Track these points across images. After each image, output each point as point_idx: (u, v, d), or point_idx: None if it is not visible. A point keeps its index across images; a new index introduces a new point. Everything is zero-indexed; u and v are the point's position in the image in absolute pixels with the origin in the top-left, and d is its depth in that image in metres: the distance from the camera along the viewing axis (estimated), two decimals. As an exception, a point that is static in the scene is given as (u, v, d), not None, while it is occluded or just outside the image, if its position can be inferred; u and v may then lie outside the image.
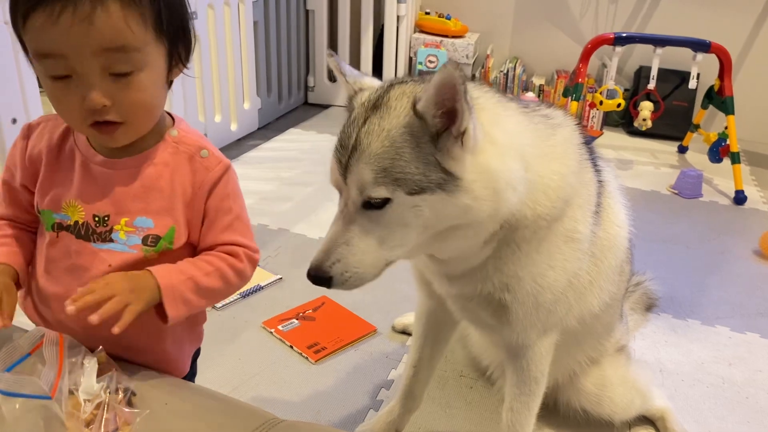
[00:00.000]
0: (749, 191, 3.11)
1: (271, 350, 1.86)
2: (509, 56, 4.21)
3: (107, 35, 0.84)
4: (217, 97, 3.15)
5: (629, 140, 3.80)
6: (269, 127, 3.64)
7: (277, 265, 2.28)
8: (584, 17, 3.99)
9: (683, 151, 3.65)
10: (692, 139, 3.58)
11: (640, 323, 1.99)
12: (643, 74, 3.72)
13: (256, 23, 3.32)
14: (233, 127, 3.34)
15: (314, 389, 1.73)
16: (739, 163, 3.07)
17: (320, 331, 1.94)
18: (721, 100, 3.15)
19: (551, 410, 1.56)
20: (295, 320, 1.98)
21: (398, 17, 3.85)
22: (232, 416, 0.94)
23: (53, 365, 0.87)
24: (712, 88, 3.25)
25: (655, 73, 3.16)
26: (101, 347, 0.94)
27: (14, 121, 2.02)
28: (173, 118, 1.04)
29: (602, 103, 3.26)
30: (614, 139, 3.81)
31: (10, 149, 1.04)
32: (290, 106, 3.89)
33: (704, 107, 3.39)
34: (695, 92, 3.59)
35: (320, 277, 1.01)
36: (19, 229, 1.05)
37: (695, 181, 3.07)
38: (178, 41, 0.95)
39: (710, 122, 3.79)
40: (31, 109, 2.07)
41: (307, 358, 1.83)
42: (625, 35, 3.17)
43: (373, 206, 0.97)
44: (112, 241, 0.97)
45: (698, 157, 3.52)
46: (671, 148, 3.69)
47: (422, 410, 1.58)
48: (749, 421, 1.70)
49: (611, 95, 3.39)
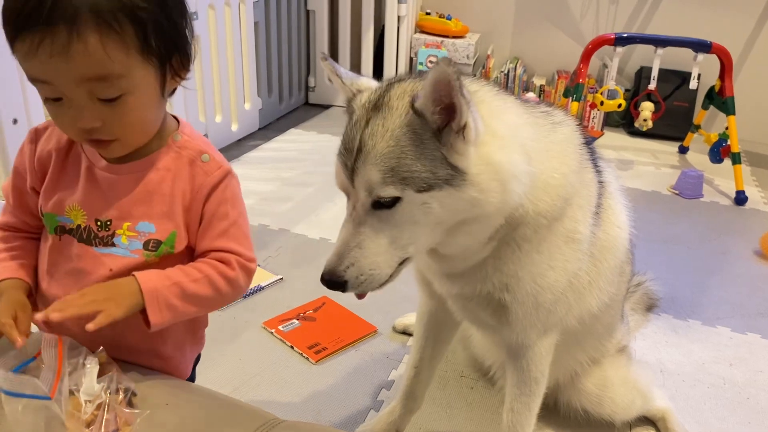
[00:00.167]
0: (750, 192, 3.11)
1: (271, 350, 1.86)
2: (510, 56, 4.21)
3: (86, 66, 0.83)
4: (217, 97, 3.15)
5: (630, 141, 3.80)
6: (270, 127, 3.64)
7: (277, 265, 2.28)
8: (585, 17, 3.99)
9: (684, 151, 3.65)
10: (693, 139, 3.58)
11: (640, 324, 1.99)
12: (643, 75, 3.71)
13: (256, 23, 3.32)
14: (234, 127, 3.34)
15: (315, 389, 1.73)
16: (739, 163, 3.07)
17: (321, 331, 1.94)
18: (721, 100, 3.15)
19: (552, 410, 1.56)
20: (295, 320, 1.98)
21: (399, 18, 3.85)
22: (232, 417, 0.94)
23: (52, 367, 0.87)
24: (712, 88, 3.25)
25: (655, 73, 3.16)
26: (102, 347, 0.94)
27: (15, 121, 2.03)
28: (178, 121, 1.04)
29: (603, 103, 3.26)
30: (615, 139, 3.81)
31: (17, 154, 1.04)
32: (291, 106, 3.89)
33: (705, 108, 3.39)
34: (696, 93, 3.58)
35: (335, 281, 1.01)
36: (24, 239, 1.05)
37: (696, 181, 3.07)
38: (171, 56, 0.92)
39: (711, 123, 3.79)
40: (31, 109, 2.07)
41: (307, 358, 1.83)
42: (625, 35, 3.17)
43: (382, 206, 0.97)
44: (114, 245, 0.97)
45: (699, 157, 3.52)
46: (672, 148, 3.68)
47: (423, 411, 1.58)
48: (750, 421, 1.70)
49: (612, 96, 3.39)
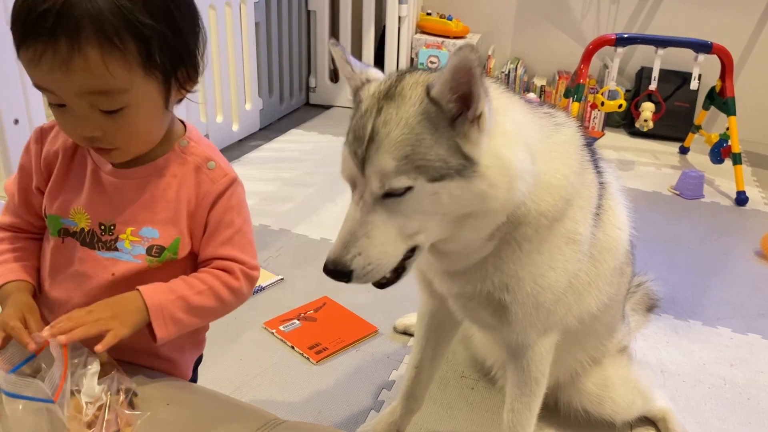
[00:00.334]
0: (751, 192, 3.11)
1: (272, 351, 1.87)
2: (511, 57, 4.21)
3: (87, 80, 0.83)
4: (218, 97, 3.15)
5: (630, 141, 3.80)
6: (271, 127, 3.64)
7: (278, 265, 2.28)
8: (586, 18, 3.99)
9: (685, 152, 3.65)
10: (694, 140, 3.58)
11: (641, 324, 1.99)
12: (644, 75, 3.72)
13: (257, 24, 3.33)
14: (235, 127, 3.34)
15: (316, 390, 1.73)
16: (740, 163, 3.07)
17: (321, 331, 1.94)
18: (722, 100, 3.15)
19: (552, 410, 1.57)
20: (296, 321, 1.98)
21: (400, 18, 3.85)
22: (233, 417, 0.94)
23: (59, 367, 0.87)
24: (713, 88, 3.25)
25: (656, 73, 3.16)
26: (102, 348, 0.94)
27: (16, 121, 2.03)
28: (185, 126, 1.03)
29: (603, 103, 3.26)
30: (615, 139, 3.81)
31: (23, 152, 1.03)
32: (292, 106, 3.89)
33: (706, 108, 3.39)
34: (697, 93, 3.58)
35: (340, 271, 0.98)
36: (28, 239, 1.05)
37: (697, 182, 3.07)
38: (177, 70, 0.91)
39: (712, 123, 3.79)
40: (33, 110, 2.07)
41: (308, 358, 1.84)
42: (626, 36, 3.17)
43: (392, 195, 0.96)
44: (117, 249, 0.97)
45: (700, 157, 3.52)
46: (673, 149, 3.68)
47: (424, 411, 1.58)
48: (750, 422, 1.70)
49: (613, 96, 3.39)
